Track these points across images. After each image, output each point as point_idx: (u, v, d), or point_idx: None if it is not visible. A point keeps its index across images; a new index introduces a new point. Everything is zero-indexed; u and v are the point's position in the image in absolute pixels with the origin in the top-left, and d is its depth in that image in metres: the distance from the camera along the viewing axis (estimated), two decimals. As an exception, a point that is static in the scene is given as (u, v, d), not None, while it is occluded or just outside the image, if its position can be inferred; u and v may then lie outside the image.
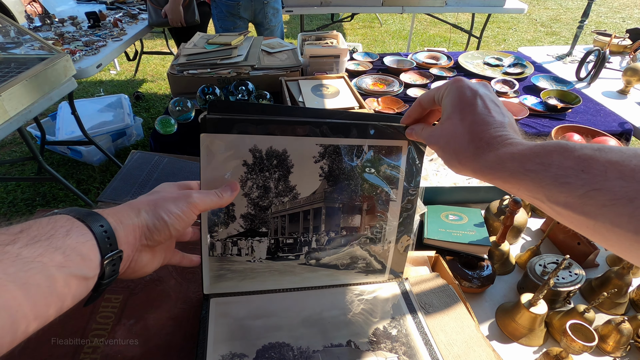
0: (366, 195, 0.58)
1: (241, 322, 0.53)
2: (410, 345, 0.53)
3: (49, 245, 0.33)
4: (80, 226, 0.36)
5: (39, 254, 0.32)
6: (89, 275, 0.36)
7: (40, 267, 0.31)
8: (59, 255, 0.33)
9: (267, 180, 0.54)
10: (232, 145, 0.51)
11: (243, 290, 0.57)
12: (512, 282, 0.81)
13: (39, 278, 0.31)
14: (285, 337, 0.52)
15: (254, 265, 0.57)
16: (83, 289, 0.36)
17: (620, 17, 6.04)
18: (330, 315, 0.56)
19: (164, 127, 1.33)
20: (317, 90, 1.45)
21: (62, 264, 0.33)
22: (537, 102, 1.61)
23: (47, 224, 0.35)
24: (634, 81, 1.69)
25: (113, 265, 0.38)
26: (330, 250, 0.60)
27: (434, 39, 5.17)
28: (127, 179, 0.85)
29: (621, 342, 0.66)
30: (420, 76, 1.82)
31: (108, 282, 0.38)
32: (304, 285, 0.59)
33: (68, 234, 0.35)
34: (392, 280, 0.63)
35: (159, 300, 0.56)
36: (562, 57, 2.14)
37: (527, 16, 6.08)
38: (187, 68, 1.53)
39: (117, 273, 0.39)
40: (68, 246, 0.34)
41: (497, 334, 0.71)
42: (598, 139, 1.13)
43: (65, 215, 0.37)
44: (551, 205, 0.34)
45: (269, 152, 0.52)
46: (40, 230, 0.34)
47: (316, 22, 5.50)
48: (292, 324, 0.54)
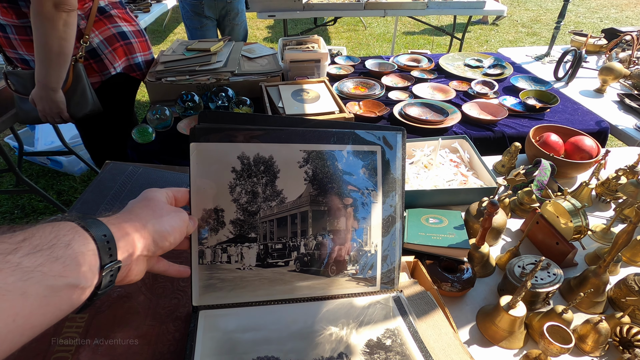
0: (349, 198, 0.59)
1: (230, 336, 0.52)
2: (405, 354, 0.52)
3: (49, 255, 0.33)
4: (83, 235, 0.37)
5: (39, 263, 0.33)
6: (87, 285, 0.36)
7: (39, 276, 0.32)
8: (59, 265, 0.34)
9: (255, 186, 0.57)
10: (221, 153, 0.55)
11: (233, 302, 0.56)
12: (493, 284, 0.81)
13: (38, 288, 0.32)
14: (274, 350, 0.51)
15: (243, 274, 0.57)
16: (79, 298, 0.36)
17: (598, 17, 6.19)
18: (320, 327, 0.55)
19: (142, 137, 1.30)
20: (297, 95, 1.44)
21: (61, 274, 0.33)
22: (516, 102, 1.63)
23: (50, 232, 0.35)
24: (609, 80, 1.72)
25: (111, 276, 0.39)
26: (319, 255, 0.59)
27: (418, 41, 5.22)
28: (99, 191, 0.82)
29: (599, 341, 0.66)
30: (402, 79, 1.83)
31: (103, 291, 0.39)
32: (294, 295, 0.58)
33: (70, 243, 0.35)
34: (386, 292, 0.62)
35: (127, 317, 0.54)
36: (541, 58, 2.18)
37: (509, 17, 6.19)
38: (165, 75, 1.51)
39: (113, 283, 0.40)
40: (69, 256, 0.35)
41: (478, 338, 0.70)
42: (575, 138, 1.15)
43: (70, 222, 0.38)
44: None
45: (256, 158, 0.56)
46: (42, 240, 0.34)
47: (300, 27, 5.50)
48: (282, 337, 0.53)
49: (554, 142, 1.14)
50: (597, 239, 0.91)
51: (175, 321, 0.55)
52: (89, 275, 0.36)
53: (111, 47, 1.39)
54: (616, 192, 0.99)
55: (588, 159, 1.08)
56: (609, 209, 1.02)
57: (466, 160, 1.12)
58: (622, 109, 1.63)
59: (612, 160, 1.15)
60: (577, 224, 0.81)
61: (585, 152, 1.10)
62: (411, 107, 1.52)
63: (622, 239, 0.68)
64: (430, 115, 1.50)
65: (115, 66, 1.43)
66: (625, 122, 1.54)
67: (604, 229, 0.92)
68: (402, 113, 1.49)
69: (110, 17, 1.39)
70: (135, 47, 1.49)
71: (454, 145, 1.16)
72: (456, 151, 1.16)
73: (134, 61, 1.50)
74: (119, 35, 1.42)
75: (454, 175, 1.05)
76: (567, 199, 0.84)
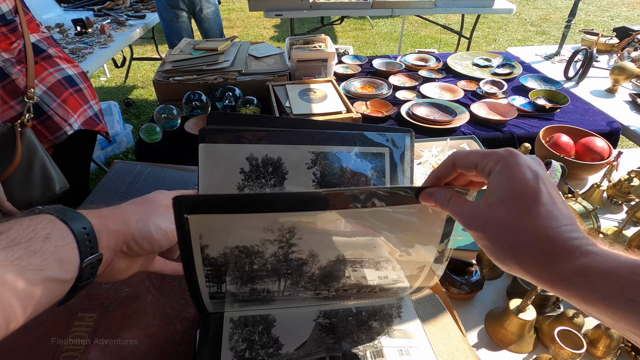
0: None
1: None
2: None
3: (27, 249, 0.33)
4: (62, 228, 0.36)
5: (17, 257, 0.32)
6: (66, 278, 0.36)
7: (17, 270, 0.31)
8: (37, 258, 0.33)
9: (263, 187, 0.56)
10: (229, 154, 0.54)
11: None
12: (502, 286, 0.80)
13: (15, 282, 0.31)
14: None
15: None
16: (59, 291, 0.36)
17: (609, 16, 6.10)
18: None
19: (149, 136, 1.31)
20: (304, 94, 1.44)
21: (39, 267, 0.33)
22: (525, 102, 1.61)
23: (27, 225, 0.34)
24: (621, 80, 1.70)
25: (92, 269, 0.38)
26: None
27: (425, 41, 5.19)
28: (107, 191, 0.83)
29: (611, 346, 0.65)
30: (409, 78, 1.82)
31: (85, 284, 0.38)
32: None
33: (48, 236, 0.34)
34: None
35: (135, 317, 0.54)
36: (551, 57, 2.15)
37: (517, 16, 6.13)
38: (173, 75, 1.52)
39: (94, 275, 0.39)
40: (47, 249, 0.34)
41: (487, 341, 0.69)
42: (586, 139, 1.13)
43: (48, 215, 0.37)
44: None
45: (264, 160, 0.55)
46: (19, 233, 0.34)
47: (307, 26, 5.50)
48: None
49: (565, 142, 1.12)
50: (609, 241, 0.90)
51: (183, 321, 0.55)
52: (69, 268, 0.35)
53: (59, 98, 1.04)
54: (628, 194, 0.98)
55: (599, 160, 1.07)
56: (621, 211, 1.01)
57: (475, 161, 1.10)
58: (634, 110, 1.61)
59: (624, 162, 1.13)
60: (588, 226, 0.80)
61: (597, 153, 1.09)
62: (419, 107, 1.51)
63: (635, 242, 0.67)
64: (438, 115, 1.49)
65: (70, 122, 1.07)
66: (638, 122, 1.51)
67: (615, 231, 0.91)
68: (409, 113, 1.48)
69: (50, 57, 1.06)
70: (87, 93, 1.16)
71: (462, 146, 1.15)
72: (464, 152, 1.15)
73: (91, 112, 1.17)
74: (65, 81, 1.07)
75: (462, 176, 1.04)
76: (578, 201, 0.83)
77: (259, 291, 0.50)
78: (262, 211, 0.41)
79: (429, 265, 0.53)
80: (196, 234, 0.41)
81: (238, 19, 5.99)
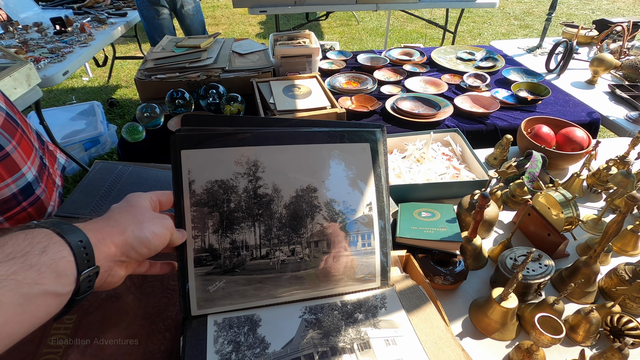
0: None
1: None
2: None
3: (23, 263, 0.32)
4: (58, 242, 0.36)
5: (12, 271, 0.32)
6: (63, 291, 0.35)
7: (13, 285, 0.31)
8: (34, 272, 0.33)
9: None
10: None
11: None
12: (486, 276, 0.81)
13: (12, 296, 0.31)
14: None
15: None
16: (56, 305, 0.35)
17: (590, 9, 6.20)
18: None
19: (132, 135, 1.29)
20: (288, 91, 1.43)
21: (35, 281, 0.33)
22: (508, 95, 1.63)
23: (23, 240, 0.34)
24: (600, 71, 1.73)
25: (89, 282, 0.38)
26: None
27: (411, 35, 5.21)
28: (88, 191, 0.81)
29: (590, 331, 0.66)
30: (394, 73, 1.82)
31: (82, 297, 0.38)
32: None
33: (45, 250, 0.34)
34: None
35: (116, 318, 0.53)
36: (533, 50, 2.18)
37: (501, 10, 6.19)
38: (155, 73, 1.49)
39: (92, 289, 0.39)
40: (43, 263, 0.34)
41: (471, 330, 0.70)
42: (566, 129, 1.15)
43: (44, 229, 0.37)
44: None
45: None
46: (15, 247, 0.33)
47: (292, 22, 5.46)
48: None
49: (546, 133, 1.14)
50: (588, 229, 0.92)
51: (166, 320, 0.55)
52: (66, 281, 0.35)
53: None
54: (607, 183, 1.00)
55: (579, 150, 1.09)
56: (600, 199, 1.03)
57: (458, 153, 1.12)
58: (613, 100, 1.64)
59: (602, 151, 1.16)
60: (568, 215, 0.82)
61: (577, 143, 1.11)
62: (403, 101, 1.52)
63: (612, 229, 0.69)
64: (422, 108, 1.50)
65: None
66: (616, 112, 1.54)
67: (595, 219, 0.93)
68: (394, 107, 1.48)
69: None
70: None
71: (446, 139, 1.16)
72: (448, 144, 1.16)
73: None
74: None
75: (446, 169, 1.05)
76: (558, 191, 0.84)
77: (239, 247, 0.54)
78: (232, 145, 0.55)
79: (375, 203, 0.61)
80: (186, 169, 0.53)
81: (223, 16, 5.92)
